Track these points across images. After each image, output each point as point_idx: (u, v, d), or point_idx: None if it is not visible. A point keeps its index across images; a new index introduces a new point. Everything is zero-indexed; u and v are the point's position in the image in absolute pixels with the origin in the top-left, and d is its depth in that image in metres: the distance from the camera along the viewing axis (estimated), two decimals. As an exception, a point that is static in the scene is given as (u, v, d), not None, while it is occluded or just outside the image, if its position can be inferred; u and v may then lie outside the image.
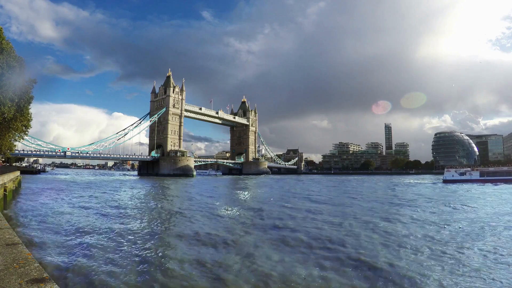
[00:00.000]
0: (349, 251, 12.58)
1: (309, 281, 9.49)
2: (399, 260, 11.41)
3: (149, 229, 17.27)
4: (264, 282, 9.38)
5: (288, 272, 10.22)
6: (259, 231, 17.01)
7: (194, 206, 27.93)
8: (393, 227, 17.64)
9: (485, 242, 14.15)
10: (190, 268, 10.57)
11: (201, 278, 9.76)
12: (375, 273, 10.14)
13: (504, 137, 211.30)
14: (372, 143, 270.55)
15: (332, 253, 12.49)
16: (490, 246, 13.32)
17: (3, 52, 20.88)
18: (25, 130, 29.75)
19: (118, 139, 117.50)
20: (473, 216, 21.95)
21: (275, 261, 11.35)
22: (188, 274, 10.03)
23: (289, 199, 34.72)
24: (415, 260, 11.45)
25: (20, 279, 3.94)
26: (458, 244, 13.63)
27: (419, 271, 10.17)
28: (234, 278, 9.74)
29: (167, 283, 9.35)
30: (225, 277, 9.77)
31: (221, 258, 11.85)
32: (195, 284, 9.33)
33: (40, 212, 22.34)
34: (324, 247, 13.33)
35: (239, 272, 10.30)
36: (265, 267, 10.61)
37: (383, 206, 28.27)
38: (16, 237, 6.37)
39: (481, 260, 11.32)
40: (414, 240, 14.49)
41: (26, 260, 4.73)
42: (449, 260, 11.36)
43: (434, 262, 11.13)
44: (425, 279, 9.56)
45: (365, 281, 9.51)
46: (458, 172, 75.25)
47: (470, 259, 11.47)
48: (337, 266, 10.78)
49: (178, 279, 9.63)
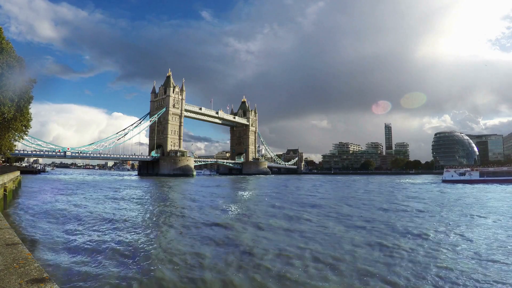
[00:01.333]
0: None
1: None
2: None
3: (149, 228, 17.25)
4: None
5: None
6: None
7: (195, 206, 27.93)
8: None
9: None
10: (192, 266, 10.58)
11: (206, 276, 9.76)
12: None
13: (504, 137, 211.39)
14: (372, 143, 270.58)
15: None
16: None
17: (3, 52, 20.86)
18: (25, 130, 29.74)
19: (118, 139, 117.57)
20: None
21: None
22: (189, 272, 10.04)
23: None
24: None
25: (20, 279, 3.94)
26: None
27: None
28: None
29: (168, 281, 9.37)
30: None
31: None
32: (196, 282, 9.35)
33: (40, 212, 22.34)
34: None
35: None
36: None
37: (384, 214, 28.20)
38: (16, 237, 6.37)
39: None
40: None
41: (26, 260, 4.73)
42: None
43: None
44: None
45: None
46: (457, 172, 74.88)
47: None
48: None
49: (180, 276, 9.64)
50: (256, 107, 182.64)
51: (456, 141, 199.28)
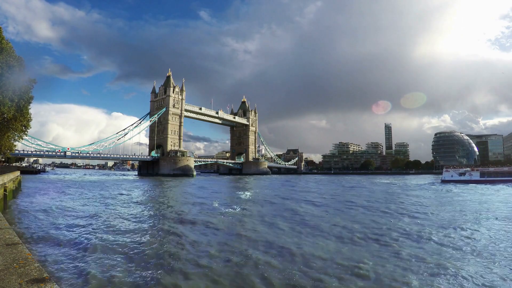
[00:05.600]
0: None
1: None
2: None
3: (149, 227, 17.25)
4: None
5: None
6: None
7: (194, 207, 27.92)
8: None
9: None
10: (191, 272, 10.57)
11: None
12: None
13: (504, 137, 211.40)
14: (372, 143, 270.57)
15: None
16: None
17: (3, 51, 20.82)
18: (25, 130, 29.67)
19: (118, 139, 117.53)
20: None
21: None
22: (188, 273, 10.03)
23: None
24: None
25: (20, 279, 3.93)
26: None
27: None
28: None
29: (168, 281, 9.36)
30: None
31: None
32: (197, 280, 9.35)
33: (40, 212, 22.33)
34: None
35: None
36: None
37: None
38: (16, 237, 6.36)
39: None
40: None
41: (26, 260, 4.72)
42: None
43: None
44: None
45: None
46: (457, 172, 74.15)
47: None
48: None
49: (178, 278, 9.63)
50: (256, 107, 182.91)
51: (456, 141, 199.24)
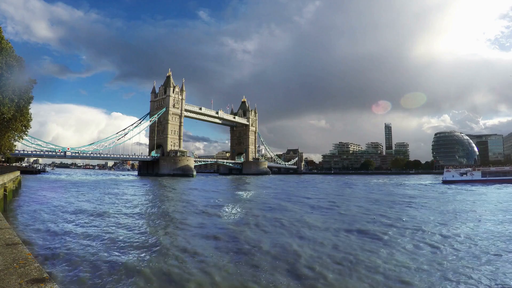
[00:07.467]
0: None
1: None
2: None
3: (149, 227, 17.22)
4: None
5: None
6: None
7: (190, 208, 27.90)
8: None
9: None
10: (189, 265, 10.55)
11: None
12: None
13: (504, 137, 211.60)
14: (372, 143, 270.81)
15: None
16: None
17: (3, 51, 20.79)
18: (25, 130, 29.66)
19: (118, 139, 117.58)
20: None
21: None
22: (187, 270, 10.01)
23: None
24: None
25: (20, 279, 3.91)
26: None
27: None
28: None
29: (168, 281, 9.34)
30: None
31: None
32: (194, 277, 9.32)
33: (40, 212, 22.31)
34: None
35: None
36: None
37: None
38: (16, 237, 6.34)
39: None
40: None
41: (26, 260, 4.70)
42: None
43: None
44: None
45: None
46: (458, 172, 73.29)
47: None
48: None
49: (177, 276, 9.61)
50: (256, 107, 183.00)
51: (456, 141, 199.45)
